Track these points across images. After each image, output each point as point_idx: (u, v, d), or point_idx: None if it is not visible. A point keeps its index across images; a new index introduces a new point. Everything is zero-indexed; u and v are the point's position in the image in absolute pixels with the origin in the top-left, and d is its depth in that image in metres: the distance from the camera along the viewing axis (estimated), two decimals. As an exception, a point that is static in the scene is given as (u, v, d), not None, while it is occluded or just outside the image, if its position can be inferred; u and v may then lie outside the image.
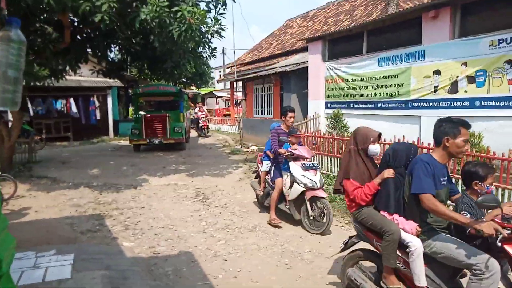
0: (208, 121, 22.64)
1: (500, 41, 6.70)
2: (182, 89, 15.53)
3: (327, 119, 10.46)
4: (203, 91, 35.43)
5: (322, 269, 4.64)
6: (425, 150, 6.71)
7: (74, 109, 18.74)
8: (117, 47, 12.87)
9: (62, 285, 3.85)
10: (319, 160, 9.00)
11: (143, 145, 14.51)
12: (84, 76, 17.90)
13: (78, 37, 10.36)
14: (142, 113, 14.59)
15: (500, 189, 5.49)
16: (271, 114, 16.27)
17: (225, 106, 34.85)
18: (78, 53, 10.33)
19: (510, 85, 6.65)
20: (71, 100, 18.70)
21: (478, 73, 7.14)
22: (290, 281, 4.35)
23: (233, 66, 22.01)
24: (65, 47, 9.56)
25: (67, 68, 10.69)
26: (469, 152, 5.88)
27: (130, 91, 22.28)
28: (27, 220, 6.51)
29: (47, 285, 3.85)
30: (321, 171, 8.84)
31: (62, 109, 18.93)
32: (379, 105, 9.43)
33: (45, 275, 4.07)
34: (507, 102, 6.71)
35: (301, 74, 12.72)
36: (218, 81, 40.39)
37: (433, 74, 7.96)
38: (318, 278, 4.42)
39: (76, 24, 10.08)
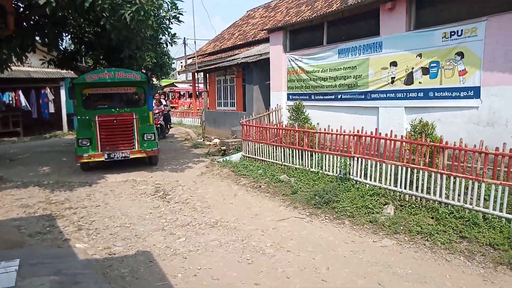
0: (167, 116, 18.45)
1: (452, 34, 6.92)
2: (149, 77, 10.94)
3: (289, 111, 10.46)
4: (164, 82, 34.51)
5: (284, 263, 4.62)
6: (382, 141, 6.87)
7: (23, 102, 17.59)
8: (69, 36, 12.18)
9: (4, 295, 3.56)
10: (281, 152, 8.99)
11: (96, 163, 9.66)
12: (35, 67, 16.81)
13: (24, 24, 9.63)
14: (92, 114, 9.64)
15: (451, 177, 5.70)
16: (234, 106, 16.09)
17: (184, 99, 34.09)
18: (24, 41, 9.61)
19: (461, 76, 6.90)
20: (20, 93, 17.53)
21: (431, 65, 7.35)
22: (252, 277, 4.29)
23: (195, 57, 21.54)
24: (9, 34, 8.85)
25: (13, 57, 9.93)
26: (423, 142, 6.07)
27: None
28: (-33, 223, 6.01)
29: (-13, 296, 3.55)
30: (284, 163, 8.88)
31: (11, 102, 17.72)
32: (339, 96, 9.54)
33: (-15, 284, 3.75)
34: (458, 92, 6.97)
35: (263, 65, 12.62)
36: (179, 72, 39.51)
37: (390, 66, 8.13)
38: (279, 272, 4.40)
39: (21, 10, 9.36)
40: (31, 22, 9.84)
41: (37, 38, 10.26)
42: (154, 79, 23.57)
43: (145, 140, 9.75)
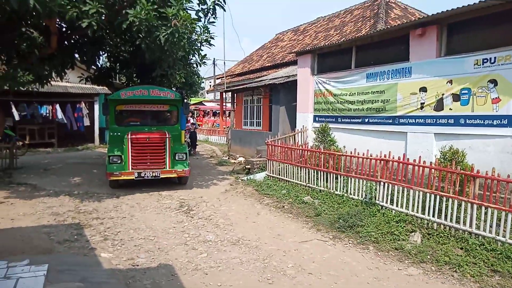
0: (193, 134, 18.00)
1: (485, 61, 6.81)
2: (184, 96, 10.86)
3: (315, 133, 10.46)
4: (192, 101, 35.37)
5: (305, 285, 4.55)
6: (410, 167, 6.74)
7: (60, 115, 18.42)
8: (105, 54, 12.79)
9: (32, 298, 3.68)
10: (306, 173, 8.96)
11: (126, 181, 9.22)
12: (71, 82, 17.67)
13: (66, 42, 10.23)
14: (124, 131, 9.55)
15: (483, 207, 5.50)
16: (260, 126, 16.24)
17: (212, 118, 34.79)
18: (64, 59, 10.20)
19: (494, 104, 6.74)
20: (57, 106, 18.39)
21: (463, 91, 7.22)
22: (272, 297, 4.24)
23: (223, 77, 22.02)
24: (51, 52, 9.43)
25: (53, 73, 10.52)
26: (453, 170, 5.92)
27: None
28: (1, 228, 6.28)
29: (17, 298, 3.68)
30: (308, 184, 8.83)
31: (48, 114, 18.59)
32: (366, 120, 9.47)
33: (16, 286, 3.89)
34: (490, 120, 6.79)
35: (290, 87, 12.76)
36: (208, 92, 40.36)
37: (419, 91, 8.04)
38: (300, 294, 4.33)
39: (63, 30, 9.96)
40: (72, 41, 10.44)
41: (76, 56, 10.85)
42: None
43: (177, 160, 9.43)
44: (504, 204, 5.31)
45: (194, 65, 13.09)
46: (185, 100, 10.55)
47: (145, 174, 8.98)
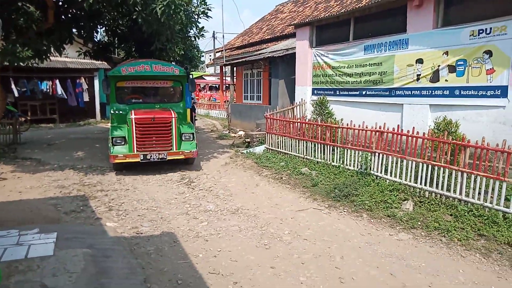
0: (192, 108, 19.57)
1: (480, 32, 6.84)
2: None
3: (313, 105, 10.57)
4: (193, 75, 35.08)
5: (300, 250, 4.82)
6: (404, 138, 6.91)
7: (60, 90, 18.48)
8: (103, 28, 12.74)
9: (44, 262, 3.95)
10: (303, 146, 9.15)
11: (130, 164, 8.68)
12: (71, 57, 17.63)
13: (63, 17, 10.21)
14: (126, 109, 9.11)
15: (472, 176, 5.70)
16: (260, 100, 16.30)
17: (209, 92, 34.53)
18: (62, 34, 10.20)
19: (489, 75, 6.82)
20: (57, 82, 18.43)
21: (458, 63, 7.29)
22: (268, 261, 4.51)
23: (223, 50, 21.86)
24: (49, 27, 9.43)
25: (52, 49, 10.54)
26: (445, 140, 6.08)
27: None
28: (10, 200, 6.54)
29: (30, 262, 3.95)
30: (306, 156, 9.03)
31: (48, 90, 18.65)
32: (363, 92, 9.56)
33: (28, 252, 4.17)
34: (484, 91, 6.89)
35: (289, 60, 12.74)
36: (207, 65, 40.05)
37: (416, 63, 8.10)
38: (294, 257, 4.60)
39: (60, 4, 9.91)
40: (69, 16, 10.41)
41: (74, 30, 10.83)
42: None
43: (183, 141, 8.88)
44: (492, 172, 5.51)
45: (193, 38, 13.03)
46: (191, 76, 9.90)
47: (151, 156, 8.41)
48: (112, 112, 9.28)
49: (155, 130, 8.54)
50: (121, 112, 9.16)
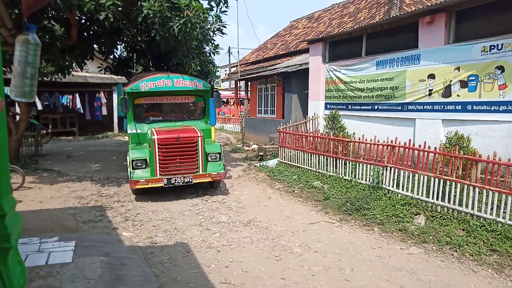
0: None
1: (492, 47, 6.89)
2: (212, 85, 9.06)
3: (325, 120, 10.68)
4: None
5: (310, 262, 4.89)
6: (416, 152, 6.95)
7: (78, 104, 19.10)
8: (123, 45, 13.21)
9: (63, 269, 4.13)
10: (316, 159, 9.23)
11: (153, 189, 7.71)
12: (91, 72, 18.27)
13: (85, 34, 10.68)
14: (146, 128, 8.23)
15: (484, 190, 5.69)
16: (274, 114, 16.49)
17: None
18: (84, 50, 10.66)
19: (501, 90, 6.84)
20: (77, 96, 19.07)
21: (470, 78, 7.32)
22: (279, 272, 4.60)
23: (238, 65, 22.26)
24: (72, 44, 9.88)
25: (74, 64, 11.00)
26: (456, 154, 6.10)
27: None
28: (32, 209, 6.82)
29: (50, 268, 4.13)
30: (318, 170, 9.10)
31: (68, 104, 19.32)
32: (375, 107, 9.64)
33: (48, 258, 4.37)
34: (497, 106, 6.90)
35: (303, 75, 12.93)
36: (223, 80, 40.63)
37: (428, 78, 8.16)
38: (305, 269, 4.67)
39: (83, 21, 10.39)
40: (91, 33, 10.88)
41: (95, 46, 11.30)
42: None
43: (210, 161, 8.05)
44: (504, 187, 5.49)
45: (208, 54, 13.39)
46: (216, 91, 8.92)
47: (175, 180, 7.56)
48: (130, 132, 8.34)
49: (180, 151, 7.67)
50: (139, 131, 8.27)
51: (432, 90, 8.11)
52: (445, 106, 7.84)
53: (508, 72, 6.72)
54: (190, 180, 7.71)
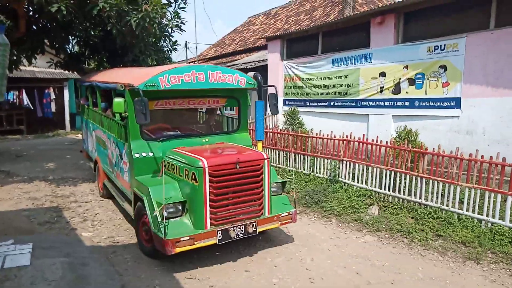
0: None
1: (436, 48, 7.45)
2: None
3: (284, 116, 10.95)
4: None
5: (272, 254, 5.06)
6: (369, 146, 7.36)
7: (25, 101, 18.01)
8: (75, 39, 12.65)
9: (22, 272, 4.00)
10: (276, 155, 9.46)
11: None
12: (39, 67, 17.29)
13: (34, 27, 10.12)
14: (162, 150, 5.24)
15: (430, 181, 6.17)
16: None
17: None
18: (34, 44, 10.10)
19: (444, 87, 7.42)
20: (24, 92, 17.98)
21: (417, 76, 7.88)
22: (242, 265, 4.72)
23: (196, 61, 22.07)
24: (20, 37, 9.34)
25: (22, 58, 10.41)
26: (405, 148, 6.56)
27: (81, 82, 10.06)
28: (-20, 212, 6.44)
29: (7, 272, 3.99)
30: (278, 165, 9.34)
31: (15, 100, 18.15)
32: (332, 103, 10.05)
33: (4, 262, 4.20)
34: (441, 102, 7.49)
35: (261, 71, 13.09)
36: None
37: (379, 76, 8.65)
38: (268, 261, 4.84)
39: (32, 13, 9.85)
40: (40, 26, 10.33)
41: (46, 40, 10.74)
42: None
43: (272, 196, 5.27)
44: (448, 177, 6.00)
45: (166, 51, 13.18)
46: (273, 91, 6.13)
47: (235, 231, 4.68)
48: (136, 155, 5.13)
49: (239, 185, 4.81)
50: (153, 154, 5.24)
51: (383, 87, 8.60)
52: (395, 102, 8.36)
53: (450, 71, 7.30)
54: (255, 229, 4.87)
